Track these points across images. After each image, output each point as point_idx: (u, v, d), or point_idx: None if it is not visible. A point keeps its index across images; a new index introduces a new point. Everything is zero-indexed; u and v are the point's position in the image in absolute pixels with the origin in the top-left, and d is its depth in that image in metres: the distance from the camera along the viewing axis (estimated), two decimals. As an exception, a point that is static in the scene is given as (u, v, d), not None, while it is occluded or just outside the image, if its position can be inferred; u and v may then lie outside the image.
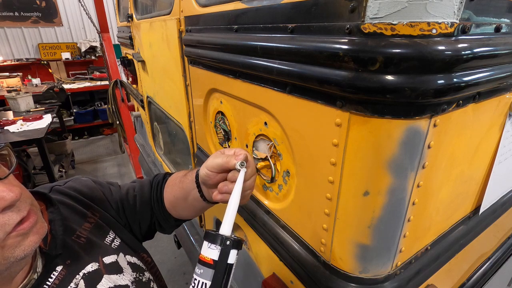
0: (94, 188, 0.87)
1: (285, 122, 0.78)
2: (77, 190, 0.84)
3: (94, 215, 0.82)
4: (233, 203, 0.65)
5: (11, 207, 0.53)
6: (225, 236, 0.61)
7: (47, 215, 0.72)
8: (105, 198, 0.88)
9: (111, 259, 0.77)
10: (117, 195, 0.91)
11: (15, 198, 0.52)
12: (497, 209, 1.05)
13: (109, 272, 0.75)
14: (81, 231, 0.77)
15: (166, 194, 0.91)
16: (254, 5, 0.79)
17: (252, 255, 1.18)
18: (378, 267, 0.71)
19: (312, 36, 0.62)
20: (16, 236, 0.54)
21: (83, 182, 0.88)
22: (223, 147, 1.20)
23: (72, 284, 0.69)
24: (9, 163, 0.60)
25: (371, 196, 0.61)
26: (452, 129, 0.63)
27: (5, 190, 0.52)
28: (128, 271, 0.79)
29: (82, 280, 0.70)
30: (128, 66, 2.54)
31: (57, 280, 0.67)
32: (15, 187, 0.54)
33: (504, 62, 0.63)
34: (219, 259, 0.60)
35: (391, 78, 0.49)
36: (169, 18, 1.39)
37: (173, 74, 1.48)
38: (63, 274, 0.69)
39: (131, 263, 0.82)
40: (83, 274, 0.71)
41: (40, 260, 0.67)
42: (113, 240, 0.82)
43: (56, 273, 0.68)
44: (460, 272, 1.06)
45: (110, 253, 0.78)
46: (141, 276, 0.83)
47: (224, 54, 0.95)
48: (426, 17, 0.47)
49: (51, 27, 7.12)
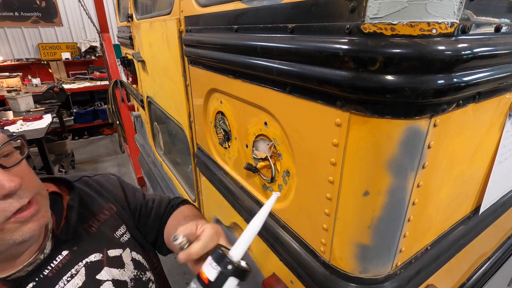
0: (117, 187, 0.94)
1: (285, 122, 0.78)
2: (101, 185, 0.90)
3: (110, 209, 0.87)
4: (252, 227, 0.60)
5: (12, 195, 0.57)
6: (230, 260, 0.55)
7: (68, 201, 0.78)
8: (125, 198, 0.93)
9: (115, 253, 0.79)
10: (139, 200, 0.96)
11: (13, 188, 0.55)
12: (497, 209, 1.05)
13: (110, 265, 0.77)
14: (94, 221, 0.80)
15: (168, 221, 0.93)
16: (254, 5, 0.79)
17: (252, 255, 1.18)
18: (378, 267, 0.71)
19: (312, 36, 0.62)
20: (15, 222, 0.57)
21: (109, 179, 0.95)
22: (223, 147, 1.20)
23: (73, 270, 0.71)
24: (21, 153, 0.63)
25: (371, 196, 0.61)
26: (452, 129, 0.63)
27: (6, 180, 0.55)
28: (130, 267, 0.80)
29: (83, 268, 0.73)
30: (128, 66, 2.54)
31: (61, 264, 0.70)
32: (16, 178, 0.57)
33: (504, 62, 0.63)
34: (214, 282, 0.53)
35: (391, 78, 0.49)
36: (169, 18, 1.39)
37: (173, 74, 1.48)
38: (67, 259, 0.72)
39: (135, 260, 0.83)
40: (85, 263, 0.74)
41: (50, 243, 0.71)
42: (123, 234, 0.85)
43: (61, 257, 0.71)
44: (460, 272, 1.06)
45: (116, 246, 0.81)
46: (142, 275, 0.83)
47: (224, 54, 0.95)
48: (426, 17, 0.47)
49: (51, 27, 7.12)
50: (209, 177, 1.38)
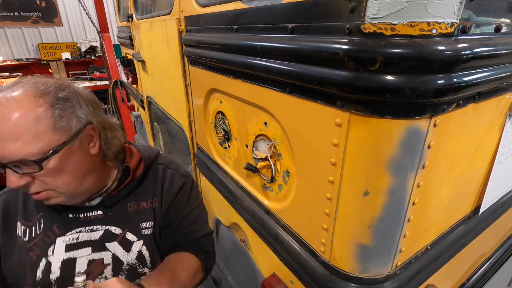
0: (176, 187, 0.96)
1: (285, 122, 0.78)
2: (165, 178, 0.96)
3: (153, 203, 0.92)
4: None
5: (23, 187, 0.71)
6: None
7: (131, 178, 0.90)
8: (171, 201, 0.94)
9: (131, 237, 0.88)
10: (181, 212, 0.96)
11: (14, 186, 0.69)
12: (497, 209, 1.05)
13: (120, 243, 0.87)
14: (136, 204, 0.90)
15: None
16: (254, 5, 0.79)
17: (252, 255, 1.18)
18: (378, 267, 0.71)
19: (312, 36, 0.62)
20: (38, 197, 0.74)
21: (175, 178, 0.97)
22: (223, 147, 1.20)
23: (96, 226, 0.85)
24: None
25: (371, 196, 0.61)
26: (452, 129, 0.63)
27: (14, 180, 0.68)
28: (133, 256, 0.88)
29: (103, 231, 0.86)
30: (128, 66, 2.54)
31: (92, 217, 0.86)
32: (23, 180, 0.69)
33: (504, 62, 0.63)
34: None
35: (391, 78, 0.49)
36: (169, 18, 1.39)
37: (173, 74, 1.48)
38: (99, 217, 0.86)
39: (141, 253, 0.89)
40: (106, 228, 0.86)
41: (99, 199, 0.86)
42: (147, 228, 0.91)
43: (96, 213, 0.86)
44: (460, 272, 1.06)
45: (135, 233, 0.89)
46: (139, 267, 0.88)
47: (224, 54, 0.95)
48: (426, 17, 0.47)
49: (51, 27, 7.13)
50: (209, 177, 1.38)
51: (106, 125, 0.81)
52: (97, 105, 0.80)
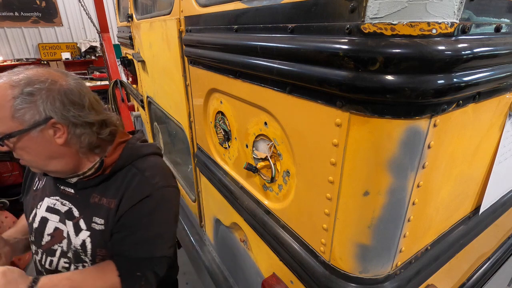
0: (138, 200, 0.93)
1: (285, 122, 0.78)
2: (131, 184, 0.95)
3: (111, 203, 0.95)
4: None
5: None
6: None
7: (102, 173, 0.96)
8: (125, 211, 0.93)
9: (82, 226, 0.96)
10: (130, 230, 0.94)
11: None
12: (497, 209, 1.05)
13: (74, 226, 0.96)
14: (99, 197, 0.96)
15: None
16: (254, 5, 0.79)
17: (252, 255, 1.18)
18: (378, 267, 0.71)
19: (312, 36, 0.62)
20: None
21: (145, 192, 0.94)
22: (223, 147, 1.20)
23: (64, 202, 0.98)
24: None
25: (371, 196, 0.61)
26: (452, 129, 0.63)
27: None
28: (78, 241, 0.96)
29: (67, 208, 0.97)
30: (128, 66, 2.54)
31: (66, 192, 0.98)
32: (2, 148, 0.83)
33: (504, 62, 0.63)
34: None
35: (391, 78, 0.49)
36: (169, 18, 1.39)
37: (173, 74, 1.48)
38: (69, 194, 0.98)
39: (84, 243, 0.96)
40: (70, 207, 0.97)
41: (75, 179, 0.97)
42: (97, 224, 0.95)
43: (69, 190, 0.98)
44: (460, 272, 1.06)
45: (86, 224, 0.96)
46: (82, 255, 0.96)
47: (224, 54, 0.95)
48: (426, 17, 0.47)
49: (51, 27, 7.13)
50: (209, 177, 1.38)
51: (80, 122, 0.87)
52: (77, 104, 0.87)
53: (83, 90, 0.90)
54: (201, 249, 1.68)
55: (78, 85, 0.89)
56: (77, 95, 0.87)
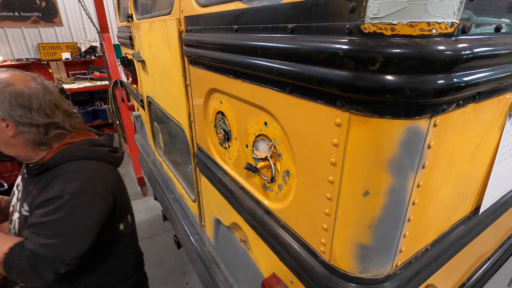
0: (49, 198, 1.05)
1: (285, 122, 0.78)
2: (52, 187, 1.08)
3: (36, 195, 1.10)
4: None
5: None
6: None
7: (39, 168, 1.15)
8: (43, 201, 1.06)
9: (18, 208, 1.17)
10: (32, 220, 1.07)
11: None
12: (497, 209, 1.05)
13: (18, 205, 1.18)
14: (33, 186, 1.14)
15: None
16: (254, 5, 0.79)
17: (252, 255, 1.18)
18: (378, 267, 0.71)
19: (312, 36, 0.62)
20: None
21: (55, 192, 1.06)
22: (223, 147, 1.20)
23: (22, 182, 1.23)
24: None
25: (371, 196, 0.61)
26: (452, 129, 0.63)
27: None
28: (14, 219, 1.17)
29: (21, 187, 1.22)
30: (128, 66, 2.54)
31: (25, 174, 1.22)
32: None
33: (504, 62, 0.63)
34: None
35: (391, 78, 0.49)
36: (169, 18, 1.39)
37: (173, 74, 1.48)
38: (24, 176, 1.23)
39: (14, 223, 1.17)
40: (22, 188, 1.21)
41: (24, 166, 1.22)
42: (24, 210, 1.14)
43: (25, 173, 1.21)
44: (460, 272, 1.06)
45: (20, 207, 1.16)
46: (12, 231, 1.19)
47: (224, 54, 0.95)
48: (426, 17, 0.47)
49: (51, 27, 7.12)
50: (209, 177, 1.38)
51: (25, 122, 1.03)
52: (24, 106, 1.02)
53: (40, 95, 1.04)
54: (201, 249, 1.68)
55: (37, 90, 1.04)
56: (27, 98, 1.01)
